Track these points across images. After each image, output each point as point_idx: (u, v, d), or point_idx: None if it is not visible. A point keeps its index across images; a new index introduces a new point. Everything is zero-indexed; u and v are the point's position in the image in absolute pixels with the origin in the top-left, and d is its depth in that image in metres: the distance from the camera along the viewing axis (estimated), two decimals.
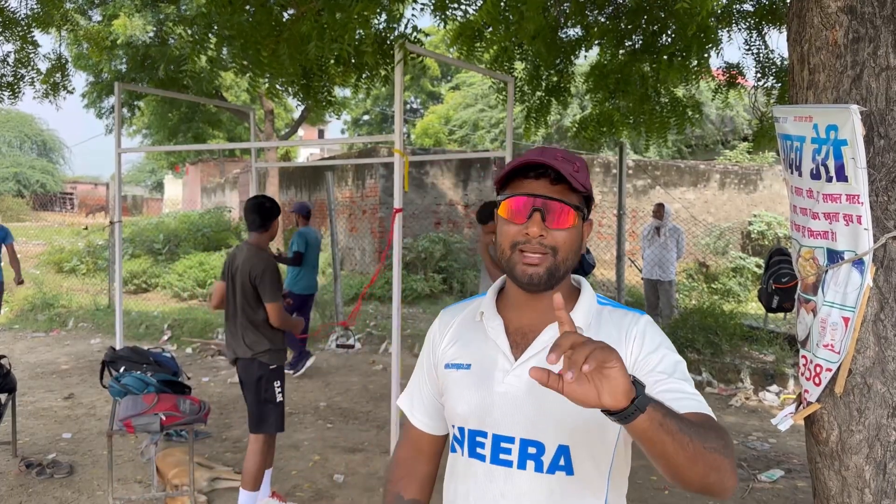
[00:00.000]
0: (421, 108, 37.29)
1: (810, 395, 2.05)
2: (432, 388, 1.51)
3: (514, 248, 1.32)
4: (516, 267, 1.32)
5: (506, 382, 1.34)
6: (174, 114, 17.75)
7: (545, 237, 1.30)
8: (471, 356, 1.42)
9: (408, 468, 1.56)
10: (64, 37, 6.80)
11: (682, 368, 1.28)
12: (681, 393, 1.21)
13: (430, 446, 1.54)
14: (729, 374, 7.23)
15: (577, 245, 1.34)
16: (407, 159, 4.08)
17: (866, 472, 1.89)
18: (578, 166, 1.33)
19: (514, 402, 1.32)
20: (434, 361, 1.51)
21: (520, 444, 1.32)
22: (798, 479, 4.71)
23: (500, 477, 1.33)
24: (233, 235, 16.44)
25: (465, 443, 1.39)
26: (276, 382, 3.83)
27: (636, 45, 5.31)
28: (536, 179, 1.32)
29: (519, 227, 1.31)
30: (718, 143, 19.73)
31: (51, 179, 39.88)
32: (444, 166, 13.14)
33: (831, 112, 1.92)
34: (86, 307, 10.85)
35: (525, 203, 1.30)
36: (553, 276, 1.32)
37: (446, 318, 1.54)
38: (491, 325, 1.41)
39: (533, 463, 1.31)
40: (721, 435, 1.13)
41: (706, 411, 1.19)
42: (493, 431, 1.34)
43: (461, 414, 1.39)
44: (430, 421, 1.53)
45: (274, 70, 4.39)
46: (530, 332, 1.37)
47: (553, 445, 1.30)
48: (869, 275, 1.89)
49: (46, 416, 5.91)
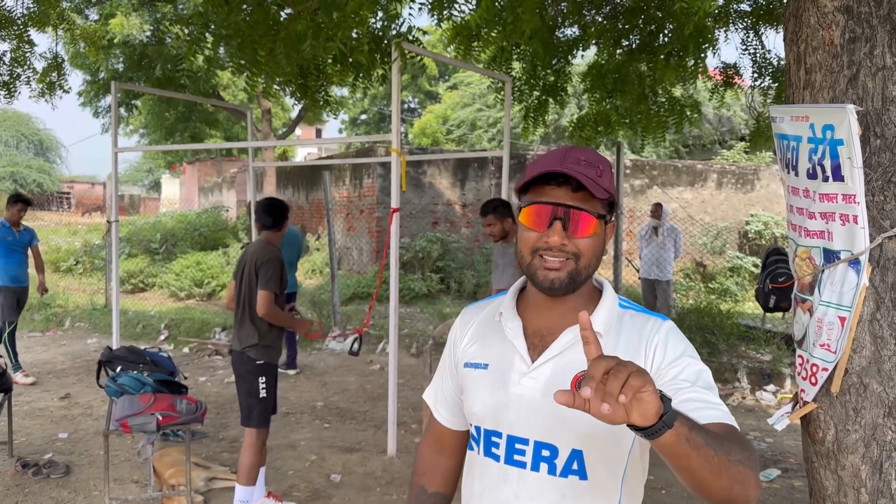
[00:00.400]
0: (419, 108, 37.29)
1: (807, 394, 2.05)
2: (453, 384, 1.52)
3: (535, 254, 1.31)
4: (537, 272, 1.31)
5: (522, 384, 1.33)
6: (171, 113, 17.74)
7: (567, 245, 1.28)
8: (489, 356, 1.41)
9: (431, 462, 1.57)
10: (60, 36, 6.79)
11: (705, 377, 1.25)
12: (704, 403, 1.18)
13: (452, 441, 1.55)
14: (726, 374, 7.24)
15: (599, 250, 1.32)
16: (404, 159, 4.08)
17: (862, 472, 1.89)
18: (602, 169, 1.29)
19: (529, 404, 1.32)
20: (455, 359, 1.51)
21: (534, 446, 1.32)
22: (795, 478, 4.71)
23: (513, 477, 1.33)
24: (230, 235, 16.42)
25: (481, 441, 1.39)
26: (260, 378, 3.86)
27: (633, 45, 5.32)
28: (559, 187, 1.29)
29: (539, 234, 1.29)
30: (716, 143, 19.74)
31: (48, 179, 39.80)
32: (441, 166, 13.14)
33: (828, 112, 1.92)
34: (82, 307, 10.83)
35: (546, 211, 1.28)
36: (574, 280, 1.30)
37: (468, 317, 1.53)
38: (509, 325, 1.40)
39: (546, 465, 1.31)
40: (745, 446, 1.11)
41: (730, 422, 1.17)
42: (507, 432, 1.34)
43: (477, 413, 1.39)
44: (452, 417, 1.54)
45: (271, 69, 4.39)
46: (548, 335, 1.36)
47: (567, 449, 1.29)
48: (865, 274, 1.89)
49: (43, 416, 5.90)
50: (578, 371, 1.25)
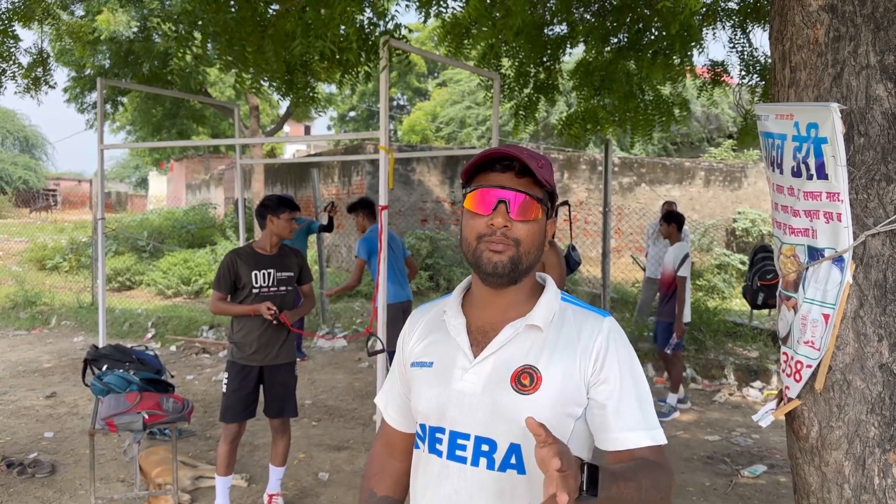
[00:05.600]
0: (408, 105, 37.23)
1: (791, 391, 2.06)
2: (402, 386, 1.54)
3: (480, 240, 1.34)
4: (482, 256, 1.34)
5: (464, 380, 1.36)
6: (158, 110, 17.61)
7: (509, 228, 1.32)
8: (434, 354, 1.44)
9: (381, 465, 1.59)
10: (46, 31, 6.72)
11: (639, 388, 1.35)
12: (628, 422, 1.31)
13: (402, 443, 1.56)
14: (713, 370, 7.28)
15: (539, 239, 1.37)
16: (392, 156, 4.07)
17: (846, 468, 1.90)
18: (543, 163, 1.36)
19: (470, 399, 1.35)
20: (403, 360, 1.53)
21: (474, 440, 1.34)
22: (780, 474, 4.75)
23: (454, 473, 1.36)
24: (218, 232, 16.33)
25: (426, 439, 1.42)
26: (225, 373, 3.96)
27: (621, 43, 5.32)
28: (502, 172, 1.34)
29: (484, 218, 1.33)
30: (704, 141, 19.84)
31: (33, 176, 39.48)
32: (430, 163, 13.13)
33: (812, 110, 1.93)
34: (69, 305, 10.74)
35: (490, 194, 1.33)
36: (516, 267, 1.34)
37: (415, 318, 1.56)
38: (453, 323, 1.43)
39: (485, 460, 1.33)
40: (658, 486, 1.25)
41: (652, 442, 1.30)
42: (450, 427, 1.37)
43: (422, 411, 1.42)
44: (402, 419, 1.56)
45: (259, 66, 4.36)
46: (490, 331, 1.39)
47: (505, 443, 1.32)
48: (849, 272, 1.90)
49: (28, 415, 5.85)
50: (517, 366, 1.30)
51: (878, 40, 1.88)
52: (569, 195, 13.75)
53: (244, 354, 3.88)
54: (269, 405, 4.00)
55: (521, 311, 1.39)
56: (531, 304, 1.40)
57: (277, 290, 3.94)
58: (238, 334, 3.89)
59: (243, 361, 3.88)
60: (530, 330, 1.37)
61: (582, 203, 13.99)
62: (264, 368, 3.92)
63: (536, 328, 1.36)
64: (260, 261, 3.91)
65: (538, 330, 1.36)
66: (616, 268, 11.51)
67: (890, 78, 1.87)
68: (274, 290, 3.92)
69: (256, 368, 3.90)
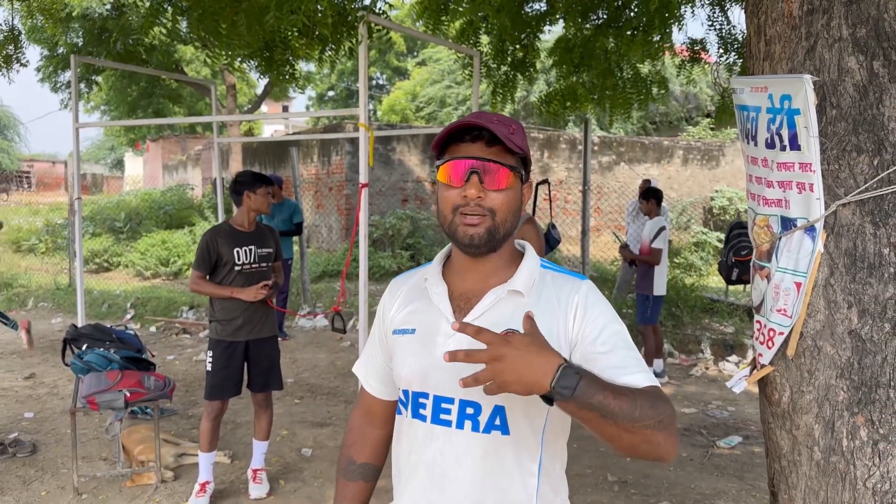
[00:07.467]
0: (387, 84, 36.93)
1: (764, 358, 2.12)
2: (383, 354, 1.55)
3: (456, 212, 1.36)
4: (458, 229, 1.36)
5: (448, 345, 1.37)
6: (133, 88, 17.35)
7: (483, 199, 1.33)
8: (416, 321, 1.46)
9: (361, 433, 1.61)
10: (17, 8, 6.58)
11: (624, 337, 1.34)
12: (622, 368, 1.27)
13: (382, 411, 1.59)
14: (690, 345, 7.40)
15: (515, 206, 1.38)
16: (372, 133, 4.06)
17: (816, 431, 1.96)
18: (514, 129, 1.36)
19: (454, 364, 1.34)
20: (384, 328, 1.55)
21: (459, 404, 1.37)
22: (755, 444, 4.86)
23: (439, 436, 1.38)
24: (196, 213, 16.19)
25: (409, 404, 1.44)
26: (208, 351, 3.94)
27: (600, 20, 5.33)
28: (472, 143, 1.35)
29: (458, 190, 1.34)
30: (682, 120, 19.93)
31: (6, 158, 38.73)
32: (410, 143, 13.08)
33: (785, 82, 1.97)
34: (45, 287, 10.63)
35: (462, 165, 1.34)
36: (493, 237, 1.35)
37: (395, 286, 1.58)
38: (435, 290, 1.44)
39: (470, 423, 1.36)
40: (660, 410, 1.20)
41: (646, 383, 1.26)
42: (434, 392, 1.39)
43: (405, 377, 1.44)
44: (382, 387, 1.58)
45: (233, 42, 4.30)
46: (473, 297, 1.41)
47: (489, 406, 1.35)
48: (820, 241, 1.94)
49: (7, 396, 5.82)
50: (502, 330, 1.32)
51: (850, 13, 1.91)
52: (549, 174, 13.78)
53: (230, 330, 3.87)
54: (254, 380, 4.00)
55: (502, 278, 1.41)
56: (512, 270, 1.42)
57: (259, 266, 3.92)
58: (220, 312, 3.88)
59: (230, 338, 3.87)
60: (512, 295, 1.39)
61: (562, 182, 14.04)
62: (250, 343, 3.92)
63: (518, 293, 1.39)
64: (240, 238, 3.89)
65: (520, 295, 1.39)
66: (595, 246, 11.60)
67: (861, 50, 1.90)
68: (256, 267, 3.91)
69: (243, 344, 3.90)
